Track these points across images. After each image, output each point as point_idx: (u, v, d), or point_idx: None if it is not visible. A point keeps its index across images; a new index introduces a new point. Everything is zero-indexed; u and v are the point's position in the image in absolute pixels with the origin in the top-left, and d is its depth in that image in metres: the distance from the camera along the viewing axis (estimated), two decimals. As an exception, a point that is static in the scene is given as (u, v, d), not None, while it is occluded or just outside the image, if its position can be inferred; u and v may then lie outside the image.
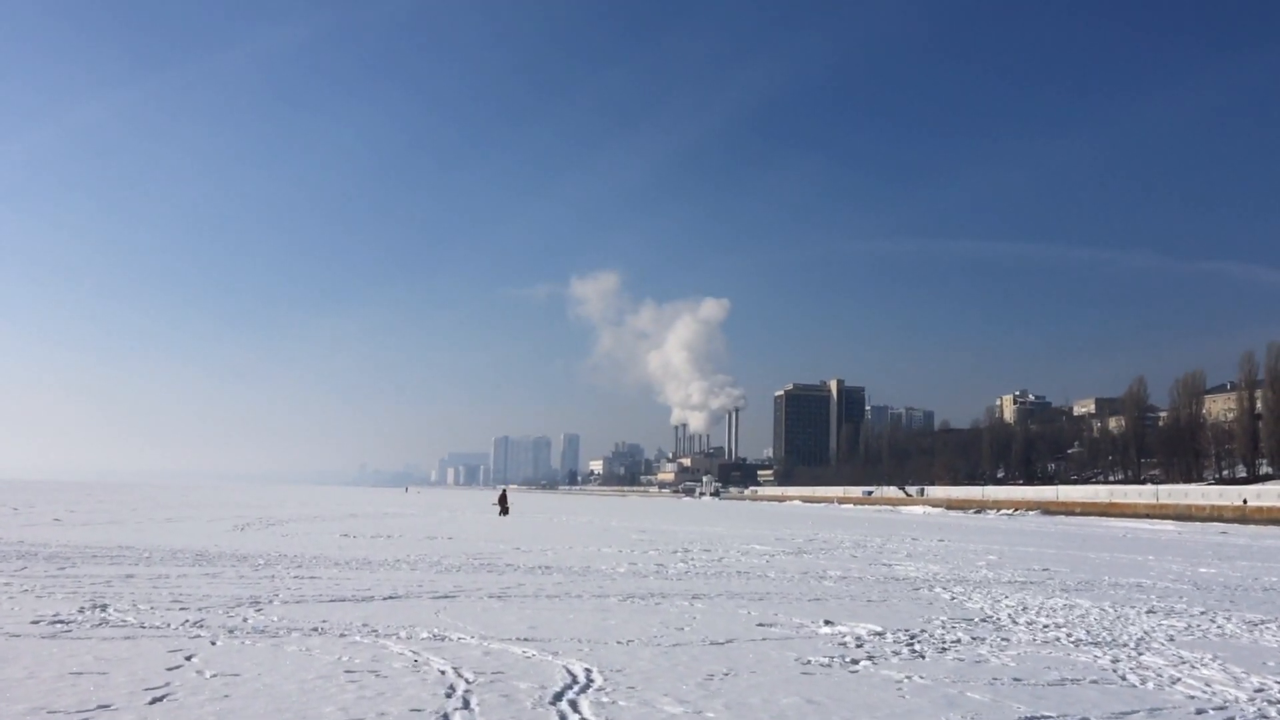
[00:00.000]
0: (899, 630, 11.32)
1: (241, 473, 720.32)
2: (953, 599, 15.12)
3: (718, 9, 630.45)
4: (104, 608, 11.57)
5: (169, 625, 10.45)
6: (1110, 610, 14.12)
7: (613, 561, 21.06)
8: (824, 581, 17.64)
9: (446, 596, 13.61)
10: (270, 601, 12.58)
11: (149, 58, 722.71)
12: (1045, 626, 12.09)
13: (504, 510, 51.45)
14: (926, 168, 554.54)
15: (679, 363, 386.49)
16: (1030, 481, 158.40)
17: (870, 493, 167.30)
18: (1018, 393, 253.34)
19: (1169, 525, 62.87)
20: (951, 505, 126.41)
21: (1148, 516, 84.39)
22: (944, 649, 10.10)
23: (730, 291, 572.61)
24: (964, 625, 11.97)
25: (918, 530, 46.42)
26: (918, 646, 10.20)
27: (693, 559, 22.43)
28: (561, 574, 17.67)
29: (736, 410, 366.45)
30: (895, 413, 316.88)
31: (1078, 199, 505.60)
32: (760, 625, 11.49)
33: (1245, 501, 69.51)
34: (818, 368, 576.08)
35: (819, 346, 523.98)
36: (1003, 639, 10.92)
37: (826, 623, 11.75)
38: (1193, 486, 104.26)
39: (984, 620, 12.52)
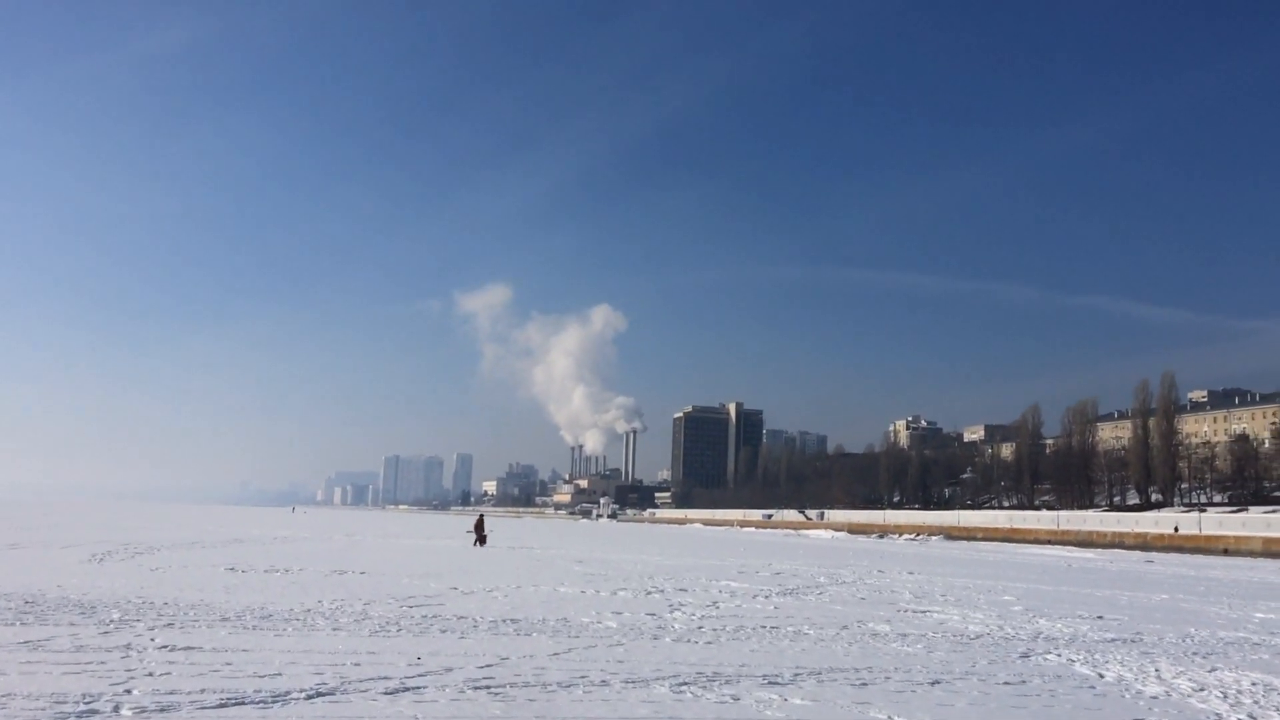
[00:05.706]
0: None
1: (115, 490, 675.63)
2: (1102, 677, 11.04)
3: (619, 31, 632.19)
4: None
5: (-98, 791, 5.43)
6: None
7: (587, 609, 16.38)
8: (889, 643, 13.41)
9: (407, 689, 8.73)
10: (116, 709, 7.53)
11: (17, 61, 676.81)
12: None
13: (481, 540, 41.51)
14: (823, 196, 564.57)
15: (561, 373, 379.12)
16: (926, 506, 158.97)
17: (770, 516, 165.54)
18: (910, 418, 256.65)
19: (1087, 553, 61.41)
20: (854, 529, 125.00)
21: (1049, 542, 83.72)
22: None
23: (629, 313, 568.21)
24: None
25: (870, 559, 42.73)
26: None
27: (680, 604, 17.92)
28: (542, 634, 12.93)
29: (634, 432, 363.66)
30: (790, 436, 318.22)
31: (966, 232, 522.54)
32: (950, 751, 7.10)
33: (1176, 529, 68.82)
34: (716, 390, 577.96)
35: (717, 369, 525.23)
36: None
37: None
38: (1091, 513, 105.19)
39: (1234, 725, 8.42)
